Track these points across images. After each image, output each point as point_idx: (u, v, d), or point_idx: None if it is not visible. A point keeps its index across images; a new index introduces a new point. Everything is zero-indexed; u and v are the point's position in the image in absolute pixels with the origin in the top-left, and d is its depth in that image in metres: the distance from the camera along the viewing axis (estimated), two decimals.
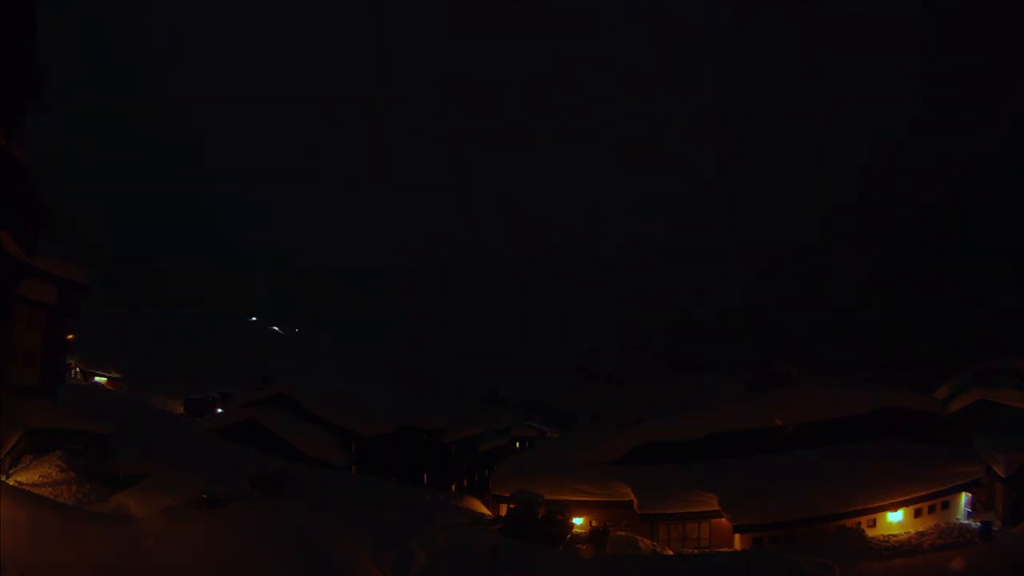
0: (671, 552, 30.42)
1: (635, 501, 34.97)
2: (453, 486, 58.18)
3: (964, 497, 32.59)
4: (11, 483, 17.10)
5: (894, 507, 31.69)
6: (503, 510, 34.82)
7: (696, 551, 32.13)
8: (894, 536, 30.69)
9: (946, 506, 32.18)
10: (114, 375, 78.58)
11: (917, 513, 31.89)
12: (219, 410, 68.35)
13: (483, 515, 34.12)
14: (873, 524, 31.63)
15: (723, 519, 33.12)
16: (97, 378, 74.85)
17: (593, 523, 33.95)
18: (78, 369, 70.44)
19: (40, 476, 18.50)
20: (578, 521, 33.88)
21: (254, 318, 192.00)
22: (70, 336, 40.39)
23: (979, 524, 30.04)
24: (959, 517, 32.17)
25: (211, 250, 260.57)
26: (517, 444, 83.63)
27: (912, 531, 31.04)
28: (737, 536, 32.12)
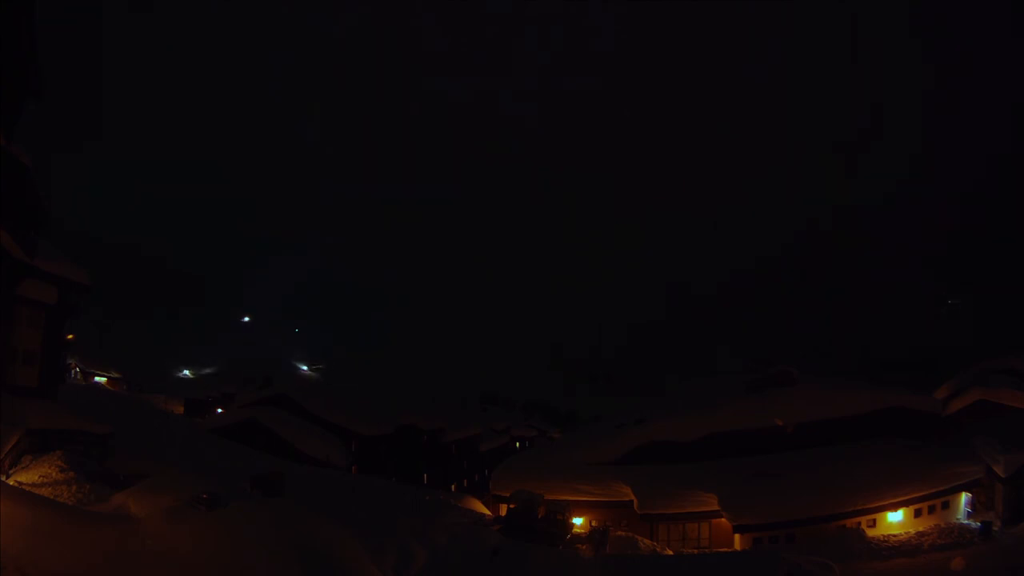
0: (671, 552, 30.43)
1: (635, 501, 34.99)
2: (453, 486, 58.25)
3: (964, 497, 32.61)
4: (11, 483, 17.09)
5: (894, 507, 31.72)
6: (503, 510, 34.84)
7: (696, 551, 32.15)
8: (894, 536, 30.71)
9: (946, 506, 32.20)
10: (114, 375, 78.67)
11: (917, 513, 31.92)
12: (219, 410, 68.42)
13: (483, 515, 34.15)
14: (873, 524, 31.66)
15: (723, 519, 33.14)
16: (97, 378, 74.87)
17: (593, 523, 33.99)
18: (78, 369, 70.41)
19: (40, 476, 18.46)
20: (578, 521, 33.90)
21: (246, 318, 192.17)
22: (70, 336, 40.43)
23: (979, 524, 30.04)
24: (959, 517, 32.19)
25: (211, 250, 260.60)
26: (517, 444, 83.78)
27: (912, 531, 31.06)
28: (737, 536, 32.13)
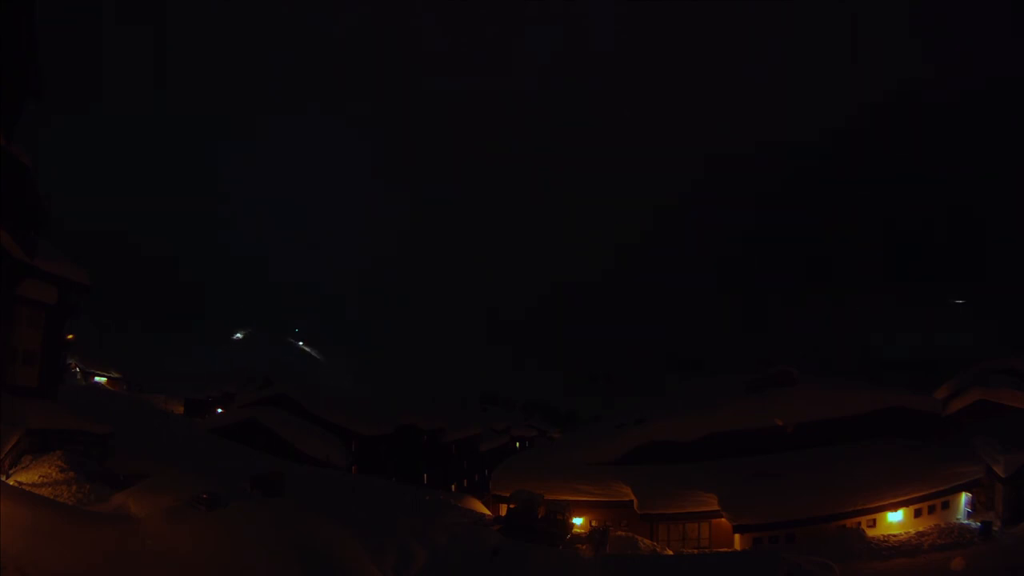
0: (671, 552, 30.42)
1: (635, 501, 34.98)
2: (453, 486, 58.24)
3: (964, 497, 32.60)
4: (11, 483, 17.10)
5: (894, 507, 31.71)
6: (503, 510, 34.83)
7: (696, 551, 32.14)
8: (894, 536, 30.70)
9: (946, 506, 32.19)
10: (114, 375, 78.63)
11: (917, 513, 31.90)
12: (219, 410, 68.40)
13: (483, 515, 34.13)
14: (873, 524, 31.64)
15: (723, 519, 33.12)
16: (97, 378, 74.85)
17: (593, 523, 33.97)
18: (78, 369, 70.40)
19: (40, 476, 18.48)
20: (578, 521, 33.88)
21: (247, 328, 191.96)
22: (70, 336, 40.36)
23: (979, 524, 30.03)
24: (959, 517, 32.17)
25: (212, 251, 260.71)
26: (517, 444, 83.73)
27: (912, 531, 31.05)
28: (737, 536, 32.12)
